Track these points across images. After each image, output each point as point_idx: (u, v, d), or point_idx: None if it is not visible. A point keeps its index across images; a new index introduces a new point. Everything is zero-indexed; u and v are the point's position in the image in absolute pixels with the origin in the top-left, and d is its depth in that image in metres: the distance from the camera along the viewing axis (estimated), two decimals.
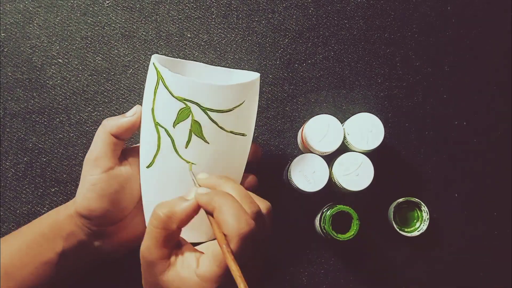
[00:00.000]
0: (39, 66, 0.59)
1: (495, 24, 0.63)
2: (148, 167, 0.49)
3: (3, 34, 0.59)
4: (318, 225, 0.57)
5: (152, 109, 0.47)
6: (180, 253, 0.42)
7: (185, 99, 0.46)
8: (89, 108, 0.59)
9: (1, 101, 0.58)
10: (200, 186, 0.45)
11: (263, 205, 0.44)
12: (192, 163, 0.48)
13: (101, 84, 0.59)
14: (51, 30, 0.59)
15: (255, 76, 0.49)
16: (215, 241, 0.41)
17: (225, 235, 0.39)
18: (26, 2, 0.59)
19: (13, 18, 0.59)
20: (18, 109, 0.58)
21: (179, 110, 0.47)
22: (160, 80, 0.46)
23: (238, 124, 0.48)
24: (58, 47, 0.59)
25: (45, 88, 0.59)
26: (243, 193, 0.43)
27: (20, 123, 0.58)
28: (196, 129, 0.47)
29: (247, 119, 0.49)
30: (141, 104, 0.49)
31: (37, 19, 0.59)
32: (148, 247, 0.42)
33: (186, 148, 0.47)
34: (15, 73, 0.59)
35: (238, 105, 0.47)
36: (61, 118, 0.59)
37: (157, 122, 0.47)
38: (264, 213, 0.44)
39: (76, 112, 0.59)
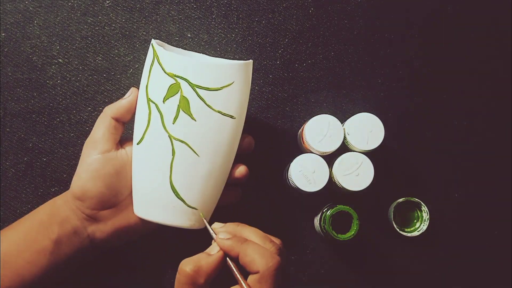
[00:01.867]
0: (39, 66, 0.59)
1: (495, 24, 0.63)
2: (138, 143, 0.50)
3: (3, 34, 0.59)
4: (318, 225, 0.57)
5: (146, 86, 0.49)
6: None
7: (175, 75, 0.48)
8: (89, 108, 0.59)
9: (1, 101, 0.58)
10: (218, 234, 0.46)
11: (278, 241, 0.46)
12: (202, 212, 0.50)
13: (101, 84, 0.59)
14: (51, 30, 0.59)
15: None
16: None
17: (255, 273, 0.42)
18: (26, 2, 0.59)
19: (13, 18, 0.59)
20: (18, 109, 0.58)
21: (170, 86, 0.48)
22: (155, 58, 0.49)
23: (226, 105, 0.49)
24: (58, 47, 0.59)
25: (45, 88, 0.59)
26: (261, 234, 0.45)
27: (20, 123, 0.58)
28: (184, 105, 0.48)
29: (237, 102, 0.50)
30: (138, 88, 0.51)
31: (37, 19, 0.59)
32: None
33: (173, 123, 0.48)
34: (15, 73, 0.59)
35: (227, 85, 0.49)
36: (61, 118, 0.59)
37: (149, 98, 0.49)
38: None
39: (76, 112, 0.59)
